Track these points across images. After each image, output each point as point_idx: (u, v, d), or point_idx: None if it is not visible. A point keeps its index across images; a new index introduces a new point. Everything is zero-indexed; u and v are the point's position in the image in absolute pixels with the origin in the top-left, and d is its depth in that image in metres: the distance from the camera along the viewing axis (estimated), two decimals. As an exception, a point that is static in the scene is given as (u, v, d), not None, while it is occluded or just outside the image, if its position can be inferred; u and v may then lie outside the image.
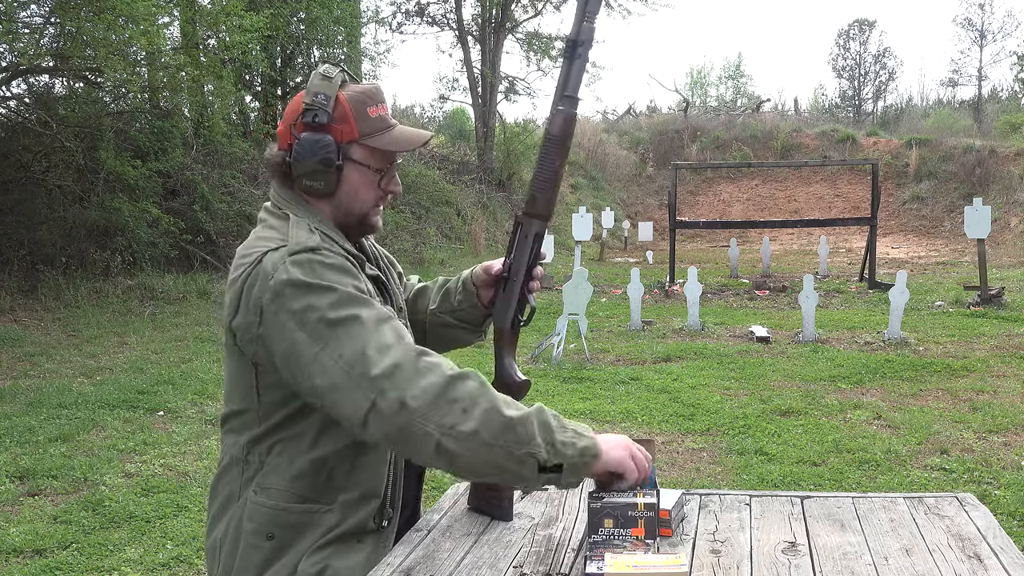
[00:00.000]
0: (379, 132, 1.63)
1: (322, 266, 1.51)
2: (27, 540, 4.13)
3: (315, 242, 1.55)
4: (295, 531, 1.62)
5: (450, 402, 1.40)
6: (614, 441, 1.55)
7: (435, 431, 1.39)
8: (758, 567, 1.84)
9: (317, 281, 1.49)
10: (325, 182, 1.61)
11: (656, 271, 15.45)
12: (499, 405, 1.42)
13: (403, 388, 1.39)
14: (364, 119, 1.62)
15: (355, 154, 1.62)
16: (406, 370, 1.40)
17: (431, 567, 1.91)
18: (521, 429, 1.41)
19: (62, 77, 12.13)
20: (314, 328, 1.46)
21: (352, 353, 1.43)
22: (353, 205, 1.65)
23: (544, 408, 1.49)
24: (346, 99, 1.61)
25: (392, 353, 1.42)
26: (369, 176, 1.65)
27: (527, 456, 1.41)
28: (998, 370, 7.59)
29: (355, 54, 17.39)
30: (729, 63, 48.88)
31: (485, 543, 2.03)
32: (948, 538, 1.93)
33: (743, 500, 2.26)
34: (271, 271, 1.51)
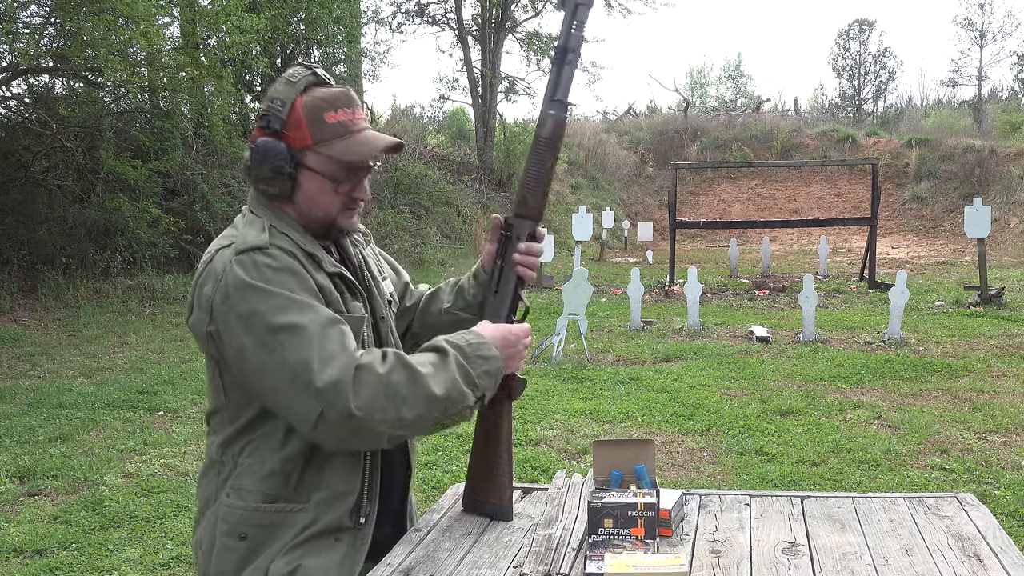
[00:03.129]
0: (336, 139, 1.58)
1: (268, 268, 1.51)
2: (27, 540, 4.13)
3: (263, 241, 1.54)
4: (268, 532, 1.61)
5: (391, 399, 1.46)
6: (500, 342, 1.64)
7: (384, 427, 1.47)
8: (758, 567, 1.84)
9: (262, 284, 1.49)
10: (279, 188, 1.60)
11: (656, 271, 15.44)
12: (429, 384, 1.49)
13: (348, 398, 1.43)
14: (319, 126, 1.58)
15: (310, 161, 1.59)
16: (348, 381, 1.44)
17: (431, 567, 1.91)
18: (454, 394, 1.53)
19: (62, 77, 12.12)
20: (259, 334, 1.47)
21: (296, 361, 1.45)
22: (312, 211, 1.63)
23: (454, 346, 1.58)
24: (302, 105, 1.58)
25: (335, 363, 1.45)
26: (326, 184, 1.61)
27: (463, 409, 1.57)
28: (998, 370, 7.59)
29: (355, 54, 17.37)
30: (729, 63, 48.94)
31: (485, 543, 2.03)
32: (948, 538, 1.93)
33: (743, 500, 2.26)
34: (220, 271, 1.52)
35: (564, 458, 5.37)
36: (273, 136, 1.58)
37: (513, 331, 1.68)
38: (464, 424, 5.69)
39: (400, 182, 17.77)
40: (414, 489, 1.99)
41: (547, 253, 13.46)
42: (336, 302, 1.61)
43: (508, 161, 21.26)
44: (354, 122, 1.60)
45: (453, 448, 5.51)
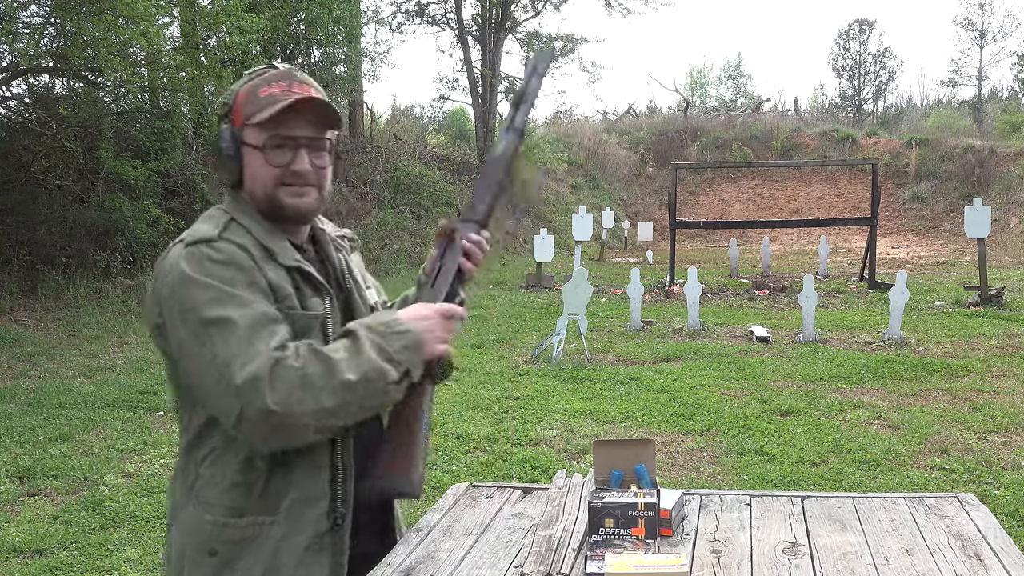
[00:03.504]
0: (264, 109, 1.56)
1: (210, 260, 1.49)
2: (27, 540, 4.13)
3: (211, 233, 1.53)
4: (239, 547, 1.56)
5: (307, 390, 1.43)
6: (414, 316, 1.60)
7: (307, 419, 1.44)
8: (758, 567, 1.84)
9: (200, 277, 1.48)
10: (228, 171, 1.60)
11: (656, 271, 15.44)
12: (344, 370, 1.46)
13: (265, 396, 1.40)
14: (253, 100, 1.57)
15: (247, 137, 1.58)
16: (264, 378, 1.41)
17: (431, 567, 1.91)
18: (373, 373, 1.49)
19: (62, 77, 12.12)
20: (192, 327, 1.46)
21: (223, 357, 1.43)
22: (255, 190, 1.60)
23: (365, 327, 1.54)
24: (244, 87, 1.60)
25: (255, 361, 1.42)
26: (257, 155, 1.58)
27: (388, 387, 1.52)
28: (998, 370, 7.59)
29: (355, 54, 17.37)
30: (729, 63, 48.91)
31: (485, 543, 2.03)
32: (948, 538, 1.93)
33: (743, 500, 2.26)
34: (168, 266, 1.52)
35: (564, 458, 5.37)
36: (222, 123, 1.61)
37: (429, 306, 1.63)
38: (464, 424, 5.66)
39: (400, 182, 17.77)
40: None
41: (547, 253, 13.47)
42: (289, 297, 1.56)
43: (508, 161, 21.22)
44: (288, 94, 1.56)
45: (453, 448, 5.51)
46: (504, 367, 7.98)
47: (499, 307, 11.65)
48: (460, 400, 6.70)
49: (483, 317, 10.84)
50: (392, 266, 14.99)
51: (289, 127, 1.57)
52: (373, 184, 17.17)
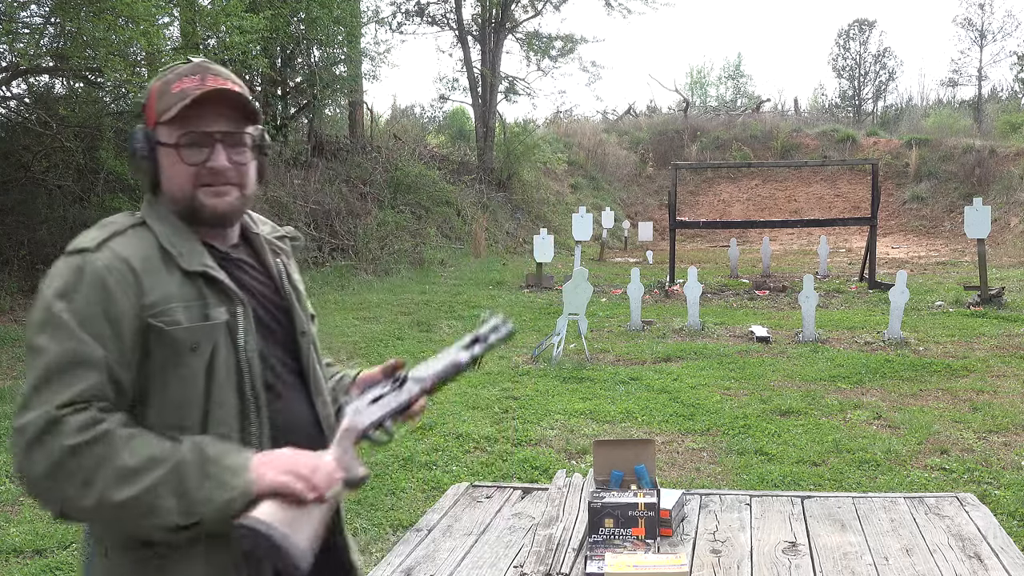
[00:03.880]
0: (176, 104, 1.45)
1: (73, 274, 1.37)
2: (27, 540, 4.13)
3: (91, 243, 1.41)
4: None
5: (67, 476, 1.26)
6: (277, 466, 1.37)
7: (54, 501, 1.29)
8: (758, 567, 1.84)
9: (49, 293, 1.37)
10: (144, 173, 1.51)
11: (656, 271, 15.44)
12: (120, 479, 1.27)
13: (20, 455, 1.28)
14: (164, 97, 1.47)
15: (161, 136, 1.47)
16: (30, 434, 1.27)
17: (431, 567, 1.91)
18: (147, 499, 1.28)
19: (62, 77, 12.12)
20: (26, 345, 1.39)
21: (26, 387, 1.33)
22: (173, 191, 1.48)
23: (192, 453, 1.32)
24: (157, 84, 1.50)
25: (33, 412, 1.29)
26: (172, 154, 1.47)
27: (154, 525, 1.30)
28: (998, 370, 7.59)
29: (355, 54, 17.36)
30: (729, 63, 48.89)
31: (485, 543, 2.03)
32: (948, 538, 1.93)
33: (743, 500, 2.26)
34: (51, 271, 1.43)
35: (564, 458, 5.37)
36: (140, 123, 1.52)
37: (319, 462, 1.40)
38: (464, 424, 5.66)
39: (400, 182, 17.77)
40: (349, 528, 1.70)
41: (547, 253, 13.47)
42: (172, 311, 1.40)
43: (508, 161, 21.26)
44: (200, 88, 1.46)
45: (453, 448, 5.51)
46: (504, 367, 7.98)
47: (499, 307, 11.65)
48: (460, 400, 6.70)
49: (483, 317, 10.83)
50: (392, 266, 14.98)
51: (203, 122, 1.46)
52: (373, 184, 17.16)
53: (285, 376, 1.56)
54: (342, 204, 15.71)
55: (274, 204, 13.59)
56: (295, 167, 15.61)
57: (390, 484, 4.87)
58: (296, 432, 1.53)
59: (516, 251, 18.83)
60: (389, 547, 3.46)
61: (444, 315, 10.94)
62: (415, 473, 5.07)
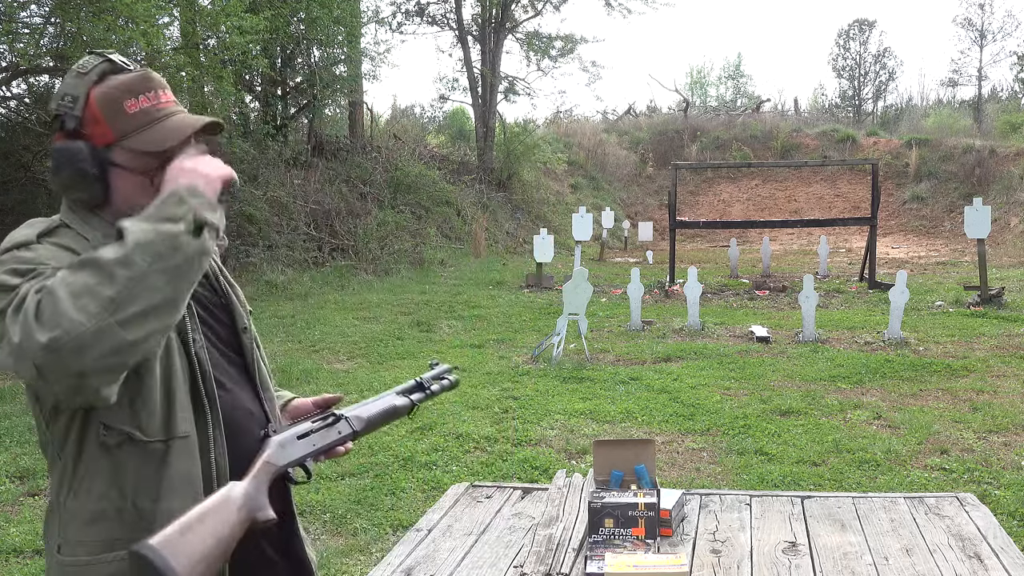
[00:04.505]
0: (141, 129, 1.41)
1: (21, 254, 1.33)
2: (27, 540, 4.13)
3: (28, 236, 1.38)
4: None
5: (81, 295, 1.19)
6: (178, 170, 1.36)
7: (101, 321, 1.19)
8: (758, 567, 1.84)
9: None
10: (89, 193, 1.42)
11: (656, 271, 15.44)
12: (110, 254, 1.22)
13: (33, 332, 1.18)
14: (119, 118, 1.41)
15: (117, 158, 1.42)
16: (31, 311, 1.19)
17: (431, 567, 1.91)
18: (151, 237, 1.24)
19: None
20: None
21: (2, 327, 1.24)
22: (127, 210, 1.41)
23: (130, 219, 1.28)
24: (96, 98, 1.41)
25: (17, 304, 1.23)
26: (140, 180, 1.43)
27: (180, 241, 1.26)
28: (998, 370, 7.59)
29: (355, 54, 17.36)
30: (729, 63, 48.84)
31: (485, 543, 2.03)
32: (948, 538, 1.93)
33: (743, 500, 2.26)
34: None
35: (564, 458, 5.37)
36: (70, 136, 1.41)
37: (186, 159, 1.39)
38: (464, 424, 5.67)
39: (400, 182, 17.77)
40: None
41: (547, 253, 13.47)
42: None
43: (508, 161, 21.26)
44: (159, 107, 1.44)
45: (453, 448, 5.51)
46: (504, 367, 7.98)
47: (499, 307, 11.65)
48: (460, 400, 6.70)
49: (483, 317, 10.84)
50: (392, 266, 14.98)
51: (179, 148, 1.43)
52: (373, 184, 17.16)
53: (232, 372, 1.56)
54: (342, 204, 15.71)
55: (274, 204, 13.59)
56: (295, 167, 15.61)
57: (390, 484, 4.87)
58: (245, 428, 1.53)
59: (516, 251, 18.83)
60: (389, 547, 3.46)
61: (444, 315, 10.94)
62: (415, 473, 5.07)
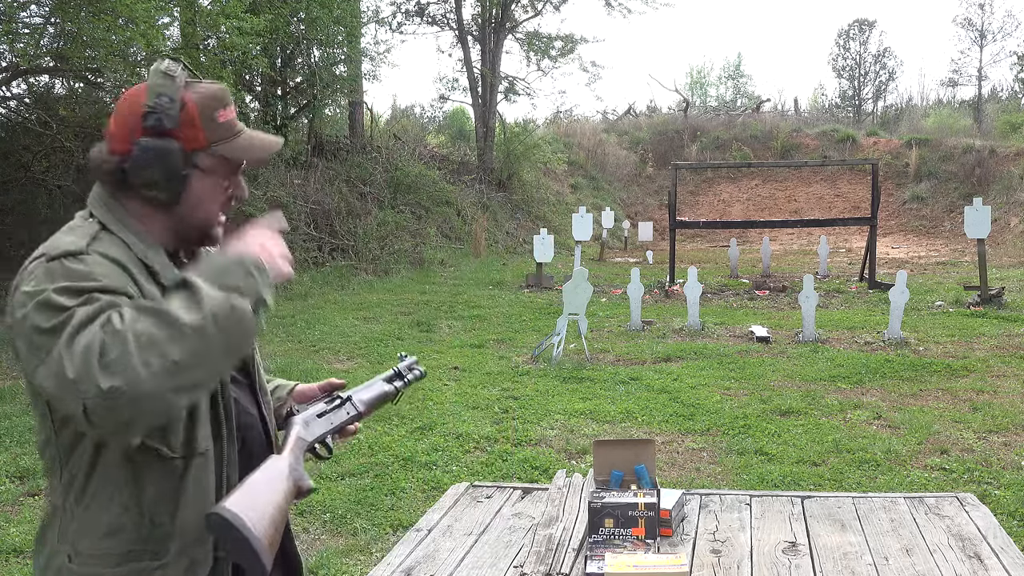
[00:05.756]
0: (228, 139, 1.49)
1: (72, 264, 1.34)
2: (27, 540, 4.13)
3: (78, 245, 1.39)
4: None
5: (146, 348, 1.20)
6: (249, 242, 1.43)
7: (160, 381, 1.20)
8: (758, 567, 1.84)
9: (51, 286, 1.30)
10: (168, 193, 1.47)
11: (656, 271, 15.44)
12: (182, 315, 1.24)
13: (96, 375, 1.19)
14: (212, 124, 1.48)
15: (202, 163, 1.48)
16: (95, 352, 1.20)
17: (431, 567, 1.91)
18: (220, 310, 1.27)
19: (62, 77, 12.13)
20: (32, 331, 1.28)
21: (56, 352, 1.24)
22: (196, 216, 1.51)
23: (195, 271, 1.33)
24: (193, 102, 1.46)
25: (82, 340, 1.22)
26: (218, 185, 1.51)
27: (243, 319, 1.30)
28: (998, 370, 7.59)
29: (355, 54, 17.35)
30: (729, 63, 48.80)
31: (485, 543, 2.03)
32: (948, 538, 1.93)
33: (743, 500, 2.26)
34: (27, 277, 1.35)
35: (564, 458, 5.37)
36: (164, 136, 1.44)
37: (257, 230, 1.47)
38: (464, 424, 5.67)
39: (400, 182, 17.77)
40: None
41: (547, 253, 13.47)
42: None
43: (508, 161, 21.26)
44: (235, 122, 1.53)
45: (453, 448, 5.51)
46: (504, 367, 7.98)
47: (499, 307, 11.65)
48: (460, 400, 6.70)
49: (483, 317, 10.84)
50: (392, 266, 14.98)
51: (254, 161, 1.54)
52: (373, 184, 17.16)
53: (237, 376, 1.59)
54: (342, 204, 15.71)
55: (274, 204, 13.60)
56: (295, 167, 15.61)
57: (390, 484, 4.87)
58: (246, 429, 1.56)
59: (516, 251, 18.83)
60: (389, 547, 3.46)
61: (444, 315, 10.94)
62: (415, 473, 5.07)
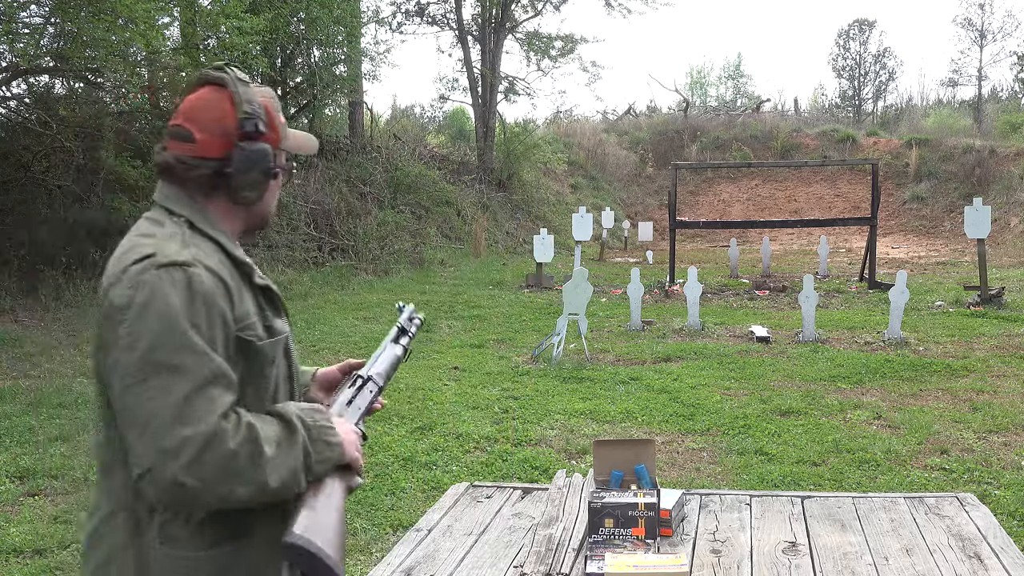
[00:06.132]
0: (287, 137, 1.61)
1: (186, 289, 1.38)
2: (27, 540, 4.13)
3: (184, 255, 1.42)
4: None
5: (230, 476, 1.33)
6: (351, 440, 1.54)
7: (211, 499, 1.34)
8: (758, 567, 1.84)
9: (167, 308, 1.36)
10: (259, 193, 1.56)
11: (656, 271, 15.44)
12: (269, 472, 1.37)
13: (183, 467, 1.30)
14: (279, 124, 1.59)
15: (279, 161, 1.59)
16: (197, 447, 1.31)
17: (431, 567, 1.91)
18: (289, 482, 1.41)
19: (62, 77, 12.12)
20: (139, 357, 1.34)
21: (156, 407, 1.32)
22: (267, 210, 1.61)
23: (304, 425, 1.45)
24: (270, 104, 1.57)
25: (194, 426, 1.32)
26: (280, 180, 1.61)
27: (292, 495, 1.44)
28: (998, 370, 7.58)
29: (355, 54, 17.35)
30: (729, 63, 48.74)
31: (485, 543, 2.03)
32: (948, 538, 1.93)
33: (743, 500, 2.26)
34: (134, 279, 1.38)
35: (564, 458, 5.37)
36: (260, 139, 1.53)
37: (352, 428, 1.60)
38: (464, 424, 5.66)
39: (400, 182, 17.77)
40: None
41: (547, 253, 13.47)
42: (253, 326, 1.48)
43: (508, 161, 21.26)
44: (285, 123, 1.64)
45: (453, 448, 5.51)
46: (504, 367, 7.97)
47: (499, 307, 11.65)
48: (460, 400, 6.70)
49: (483, 317, 10.84)
50: (392, 266, 14.98)
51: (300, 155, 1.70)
52: (373, 184, 17.16)
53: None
54: (342, 204, 15.71)
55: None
56: (295, 167, 15.61)
57: (390, 484, 4.87)
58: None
59: (516, 251, 18.83)
60: (389, 547, 3.46)
61: (444, 315, 10.94)
62: (415, 473, 5.07)
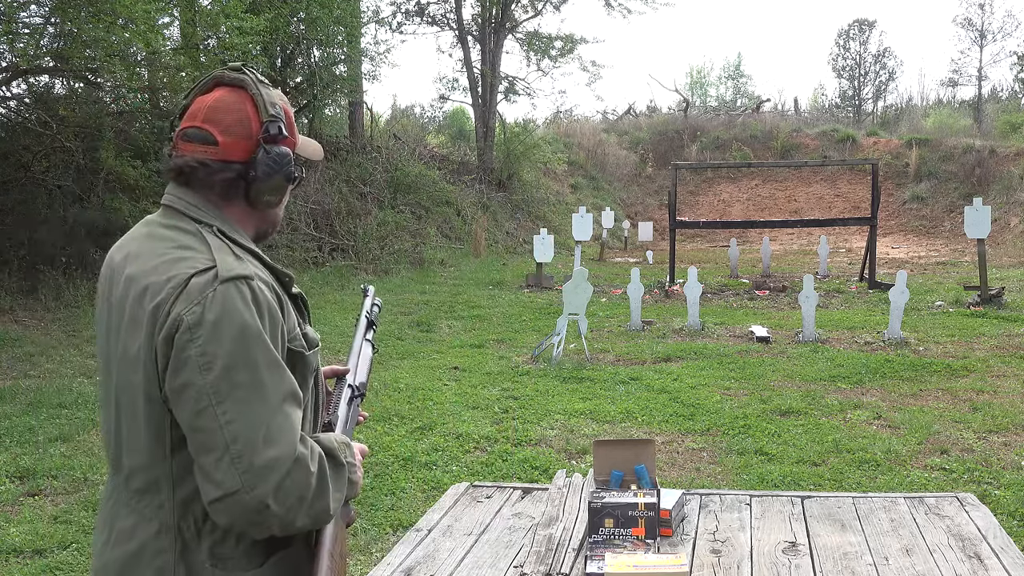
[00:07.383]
0: (307, 146, 1.60)
1: (256, 304, 1.36)
2: (27, 540, 4.13)
3: (245, 269, 1.39)
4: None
5: (303, 502, 1.34)
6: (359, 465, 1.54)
7: (277, 524, 1.33)
8: (758, 567, 1.84)
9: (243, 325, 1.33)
10: (280, 196, 1.53)
11: (656, 271, 15.44)
12: (329, 500, 1.39)
13: (272, 488, 1.29)
14: (295, 130, 1.57)
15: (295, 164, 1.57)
16: (283, 471, 1.30)
17: (431, 567, 1.91)
18: (333, 511, 1.42)
19: (62, 77, 12.12)
20: (216, 377, 1.31)
21: (240, 426, 1.29)
22: (279, 214, 1.59)
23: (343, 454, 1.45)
24: (287, 107, 1.55)
25: (278, 446, 1.31)
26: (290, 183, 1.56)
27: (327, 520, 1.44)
28: (998, 370, 7.58)
29: (355, 54, 17.35)
30: (729, 63, 48.80)
31: (485, 543, 2.03)
32: (948, 538, 1.93)
33: (743, 500, 2.26)
34: (198, 294, 1.34)
35: (564, 458, 5.37)
36: (282, 143, 1.50)
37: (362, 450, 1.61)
38: (464, 424, 5.67)
39: (400, 182, 17.77)
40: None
41: (547, 253, 13.46)
42: (299, 337, 1.47)
43: (508, 161, 21.26)
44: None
45: (453, 448, 5.51)
46: (504, 367, 7.97)
47: (499, 307, 11.65)
48: (460, 400, 6.70)
49: (483, 317, 10.84)
50: (392, 266, 14.98)
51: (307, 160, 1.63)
52: (373, 184, 17.16)
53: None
54: (342, 204, 15.71)
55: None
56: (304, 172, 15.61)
57: (390, 484, 4.87)
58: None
59: (516, 251, 18.83)
60: (389, 547, 3.46)
61: (444, 315, 10.94)
62: (415, 473, 5.07)
